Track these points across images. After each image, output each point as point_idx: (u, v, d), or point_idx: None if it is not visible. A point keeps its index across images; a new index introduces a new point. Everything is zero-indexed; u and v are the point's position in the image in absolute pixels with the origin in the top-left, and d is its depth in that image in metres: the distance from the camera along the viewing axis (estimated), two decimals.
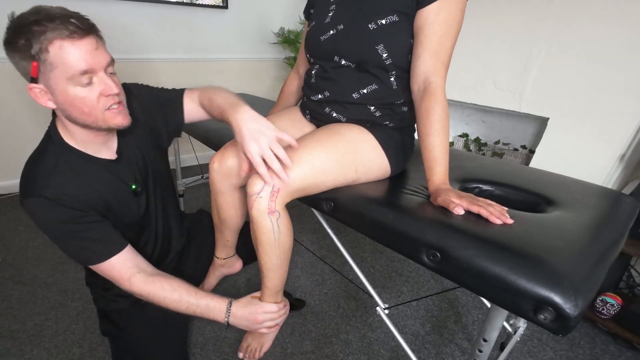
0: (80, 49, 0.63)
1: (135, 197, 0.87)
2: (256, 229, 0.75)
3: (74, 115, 0.69)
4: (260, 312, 0.85)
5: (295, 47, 2.59)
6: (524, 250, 0.55)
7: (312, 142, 0.77)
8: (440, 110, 0.71)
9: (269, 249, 0.78)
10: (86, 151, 0.77)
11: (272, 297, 0.88)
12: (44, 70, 0.63)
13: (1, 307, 1.27)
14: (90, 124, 0.71)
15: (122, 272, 0.78)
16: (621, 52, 1.34)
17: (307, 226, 1.91)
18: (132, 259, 0.81)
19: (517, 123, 1.95)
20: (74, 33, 0.62)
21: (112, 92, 0.69)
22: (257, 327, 0.87)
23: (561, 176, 0.92)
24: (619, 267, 1.36)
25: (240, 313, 0.84)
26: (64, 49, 0.62)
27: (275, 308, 0.88)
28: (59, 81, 0.64)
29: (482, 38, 1.75)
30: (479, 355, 0.74)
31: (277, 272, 0.84)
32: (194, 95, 0.93)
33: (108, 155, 0.81)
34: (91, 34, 0.66)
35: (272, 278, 0.84)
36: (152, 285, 0.79)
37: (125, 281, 0.78)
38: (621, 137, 1.39)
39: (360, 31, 0.77)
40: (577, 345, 1.24)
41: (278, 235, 0.76)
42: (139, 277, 0.79)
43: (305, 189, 0.75)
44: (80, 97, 0.67)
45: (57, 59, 0.62)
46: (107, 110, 0.71)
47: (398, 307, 1.36)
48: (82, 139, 0.76)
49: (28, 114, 1.97)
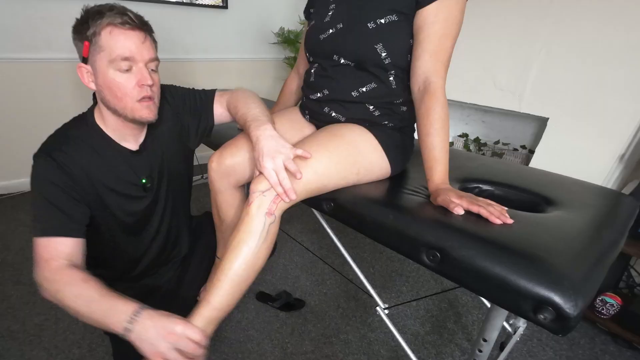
0: (127, 38, 0.70)
1: (144, 192, 0.88)
2: (244, 227, 0.70)
3: (108, 98, 0.74)
4: (178, 328, 0.65)
5: (295, 47, 2.60)
6: (523, 250, 0.55)
7: (314, 145, 0.77)
8: (440, 110, 0.71)
9: (245, 253, 0.70)
10: (113, 137, 0.81)
11: (204, 321, 0.69)
12: (93, 51, 0.70)
13: (1, 307, 1.27)
14: (120, 109, 0.75)
15: (51, 254, 0.72)
16: (621, 52, 1.35)
17: (307, 226, 1.91)
18: (72, 251, 0.74)
19: (516, 123, 1.95)
20: (125, 23, 0.69)
21: (146, 82, 0.73)
22: (161, 348, 0.63)
23: (561, 176, 0.92)
24: (618, 267, 1.36)
25: (152, 321, 0.65)
26: (114, 34, 0.69)
27: (198, 336, 0.65)
28: (102, 63, 0.70)
29: (482, 38, 1.75)
30: (478, 355, 0.74)
31: (234, 287, 0.70)
32: (223, 99, 0.96)
33: (132, 146, 0.84)
34: (142, 30, 0.72)
35: (222, 294, 0.69)
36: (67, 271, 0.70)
37: (44, 262, 0.71)
38: (621, 137, 1.39)
39: (359, 30, 0.77)
40: (577, 345, 1.24)
41: (261, 242, 0.70)
42: (61, 262, 0.71)
43: (308, 192, 0.75)
44: (116, 82, 0.72)
45: (105, 42, 0.69)
46: (137, 101, 0.75)
47: (398, 307, 1.36)
48: (113, 126, 0.80)
49: (28, 115, 1.97)
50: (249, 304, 1.35)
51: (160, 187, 0.92)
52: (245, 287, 0.73)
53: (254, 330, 1.23)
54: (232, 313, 1.28)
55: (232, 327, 1.24)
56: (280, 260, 1.62)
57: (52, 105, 2.00)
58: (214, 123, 0.98)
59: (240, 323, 1.26)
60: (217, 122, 0.99)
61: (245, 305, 1.34)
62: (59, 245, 0.73)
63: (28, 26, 1.79)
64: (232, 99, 0.93)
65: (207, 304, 0.69)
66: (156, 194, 0.91)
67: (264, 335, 1.21)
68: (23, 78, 1.87)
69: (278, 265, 1.58)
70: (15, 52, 1.80)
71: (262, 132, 0.75)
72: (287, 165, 0.70)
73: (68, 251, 0.74)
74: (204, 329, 0.68)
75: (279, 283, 1.47)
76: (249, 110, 0.84)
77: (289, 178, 0.69)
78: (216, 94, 0.97)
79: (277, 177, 0.69)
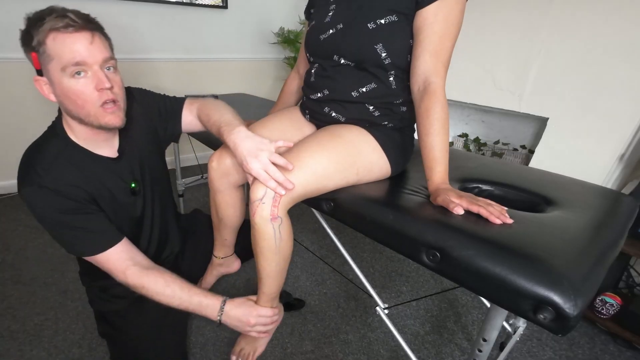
0: (74, 42, 0.66)
1: (134, 196, 0.87)
2: (257, 236, 0.75)
3: (69, 107, 0.71)
4: (254, 314, 0.85)
5: (295, 47, 2.59)
6: (523, 250, 0.55)
7: (313, 145, 0.77)
8: (440, 110, 0.71)
9: (269, 256, 0.78)
10: (87, 147, 0.78)
11: (268, 302, 0.87)
12: (44, 62, 0.67)
13: (1, 307, 1.27)
14: (83, 117, 0.72)
15: (117, 264, 0.79)
16: (621, 52, 1.35)
17: (307, 226, 1.91)
18: (128, 251, 0.81)
19: (516, 123, 1.95)
20: (68, 26, 0.65)
21: (103, 86, 0.69)
22: (248, 330, 0.86)
23: (561, 176, 0.92)
24: (618, 267, 1.36)
25: (234, 313, 0.83)
26: (58, 40, 0.65)
27: (270, 312, 0.87)
28: (55, 72, 0.67)
29: (482, 38, 1.75)
30: (478, 355, 0.74)
31: (276, 278, 0.83)
32: (193, 107, 0.96)
33: (109, 153, 0.82)
34: (87, 29, 0.67)
35: (270, 285, 0.84)
36: (146, 279, 0.79)
37: (120, 273, 0.79)
38: (620, 137, 1.39)
39: (359, 30, 0.77)
40: (577, 345, 1.24)
41: (279, 242, 0.76)
42: (134, 270, 0.79)
43: (307, 193, 0.75)
44: (73, 90, 0.68)
45: (52, 50, 0.65)
46: (100, 106, 0.71)
47: (398, 307, 1.36)
48: (83, 136, 0.77)
49: (28, 115, 1.97)
50: None
51: (146, 188, 0.91)
52: (284, 273, 0.85)
53: None
54: None
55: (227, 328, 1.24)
56: None
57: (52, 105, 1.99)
58: (181, 130, 0.97)
59: None
60: (186, 129, 0.98)
61: None
62: (112, 257, 0.78)
63: None
64: (203, 107, 0.93)
65: (262, 295, 0.86)
66: (144, 196, 0.91)
67: None
68: (23, 78, 1.87)
69: None
70: (15, 52, 1.79)
71: (236, 134, 0.74)
72: (273, 160, 0.70)
73: (125, 255, 0.80)
74: (270, 306, 0.88)
75: None
76: (222, 116, 0.83)
77: (281, 171, 0.70)
78: (186, 102, 0.96)
79: (267, 173, 0.69)
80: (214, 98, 0.99)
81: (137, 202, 0.89)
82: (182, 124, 0.96)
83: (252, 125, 0.95)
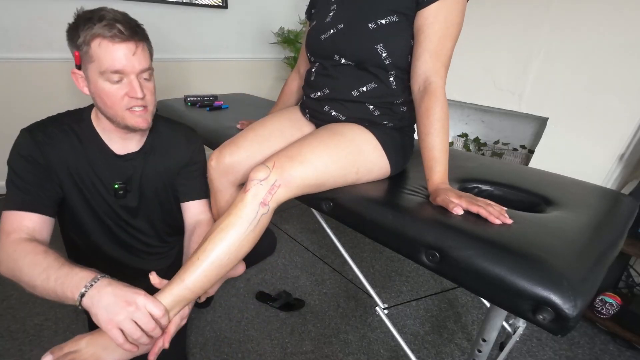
0: (117, 51, 0.69)
1: (115, 197, 0.87)
2: (235, 212, 0.68)
3: (99, 104, 0.76)
4: (140, 299, 0.58)
5: (295, 47, 2.60)
6: (523, 250, 0.55)
7: (315, 142, 0.77)
8: (440, 110, 0.71)
9: (231, 237, 0.67)
10: (102, 136, 0.83)
11: (172, 299, 0.64)
12: (84, 60, 0.71)
13: (1, 307, 1.27)
14: (111, 116, 0.76)
15: (14, 227, 0.71)
16: (620, 52, 1.35)
17: (306, 226, 1.91)
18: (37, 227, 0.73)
19: (516, 123, 1.95)
20: (115, 37, 0.68)
21: (136, 95, 0.73)
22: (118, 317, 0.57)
23: (560, 176, 0.92)
24: (618, 267, 1.36)
25: (111, 287, 0.58)
26: (102, 46, 0.68)
27: (159, 312, 0.60)
28: (93, 73, 0.71)
29: (482, 38, 1.75)
30: (478, 355, 0.74)
31: (212, 271, 0.66)
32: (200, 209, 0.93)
33: (117, 150, 0.85)
34: (132, 40, 0.70)
35: (199, 274, 0.65)
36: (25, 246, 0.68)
37: (5, 235, 0.70)
38: (620, 137, 1.39)
39: (360, 30, 0.77)
40: (577, 345, 1.24)
41: (250, 231, 0.68)
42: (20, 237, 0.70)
43: (305, 188, 0.74)
44: (106, 91, 0.72)
45: (95, 54, 0.69)
46: (128, 109, 0.75)
47: (397, 307, 1.36)
48: (104, 127, 0.82)
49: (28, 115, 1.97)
50: (248, 304, 1.35)
51: (136, 202, 0.90)
52: (223, 274, 0.69)
53: (253, 330, 1.23)
54: (232, 313, 1.28)
55: (232, 327, 1.24)
56: (280, 260, 1.62)
57: (52, 105, 1.99)
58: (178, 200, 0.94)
59: (240, 323, 1.26)
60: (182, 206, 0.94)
61: (245, 305, 1.34)
62: (24, 220, 0.73)
63: (28, 26, 1.79)
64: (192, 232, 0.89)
65: (179, 282, 0.64)
66: (126, 204, 0.89)
67: (263, 335, 1.21)
68: (23, 78, 1.87)
69: (278, 265, 1.58)
70: (15, 52, 1.80)
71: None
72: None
73: (32, 226, 0.73)
74: (170, 308, 0.63)
75: (279, 283, 1.47)
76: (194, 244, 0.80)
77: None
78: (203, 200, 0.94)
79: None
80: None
81: (113, 201, 0.87)
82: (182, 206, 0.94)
83: (252, 125, 0.95)
